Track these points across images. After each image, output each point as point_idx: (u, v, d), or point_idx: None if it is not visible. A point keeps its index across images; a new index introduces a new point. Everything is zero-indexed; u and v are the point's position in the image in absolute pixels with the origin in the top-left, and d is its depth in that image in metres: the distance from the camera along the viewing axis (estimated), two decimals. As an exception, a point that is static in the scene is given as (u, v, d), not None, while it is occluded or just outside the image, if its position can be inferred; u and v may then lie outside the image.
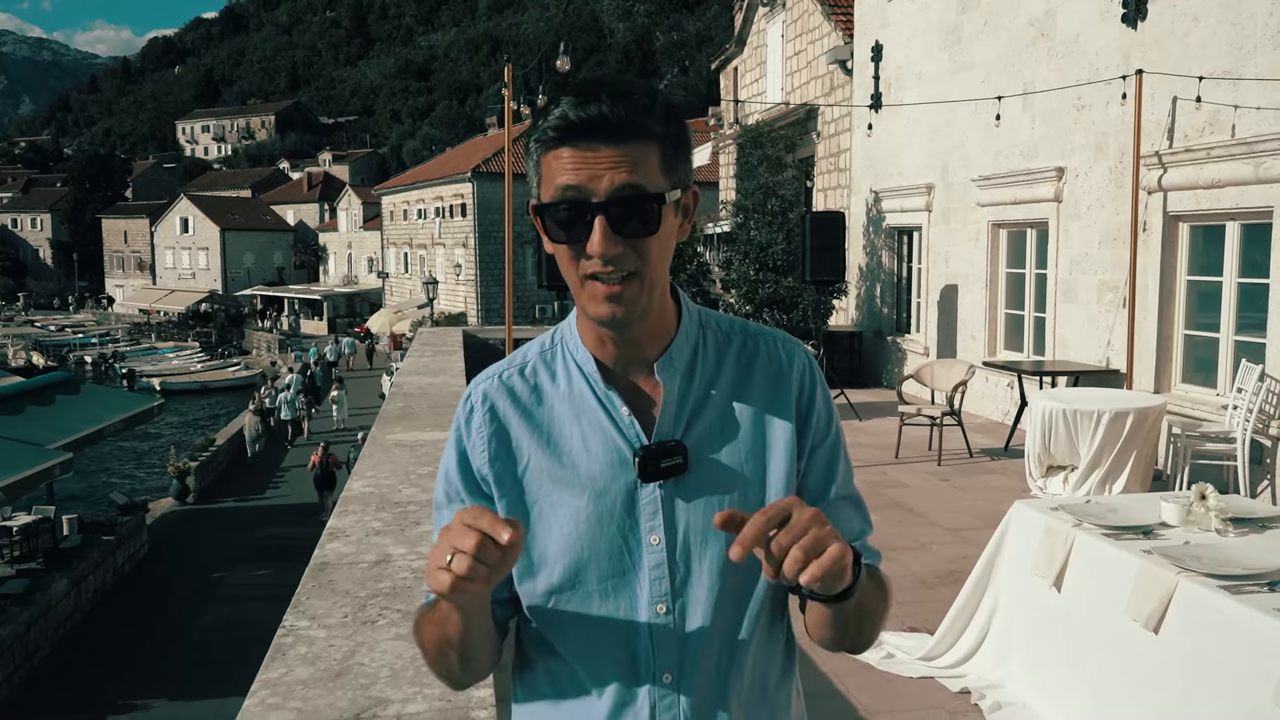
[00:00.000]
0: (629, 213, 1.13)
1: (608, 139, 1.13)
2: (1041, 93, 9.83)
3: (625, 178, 1.13)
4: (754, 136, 13.89)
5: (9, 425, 15.22)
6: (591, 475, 1.22)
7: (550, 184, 1.16)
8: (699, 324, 1.30)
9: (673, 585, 1.21)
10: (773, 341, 1.32)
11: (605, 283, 1.15)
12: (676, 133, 1.19)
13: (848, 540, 1.27)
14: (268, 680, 2.45)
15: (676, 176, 1.19)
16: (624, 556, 1.21)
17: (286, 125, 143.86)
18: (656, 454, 1.20)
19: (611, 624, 1.22)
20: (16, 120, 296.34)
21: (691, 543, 1.22)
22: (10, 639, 12.17)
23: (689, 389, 1.25)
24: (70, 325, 64.34)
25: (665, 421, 1.23)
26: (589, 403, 1.24)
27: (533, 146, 1.18)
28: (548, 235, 1.18)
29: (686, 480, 1.22)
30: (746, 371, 1.28)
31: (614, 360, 1.25)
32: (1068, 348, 9.55)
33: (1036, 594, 3.95)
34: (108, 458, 27.60)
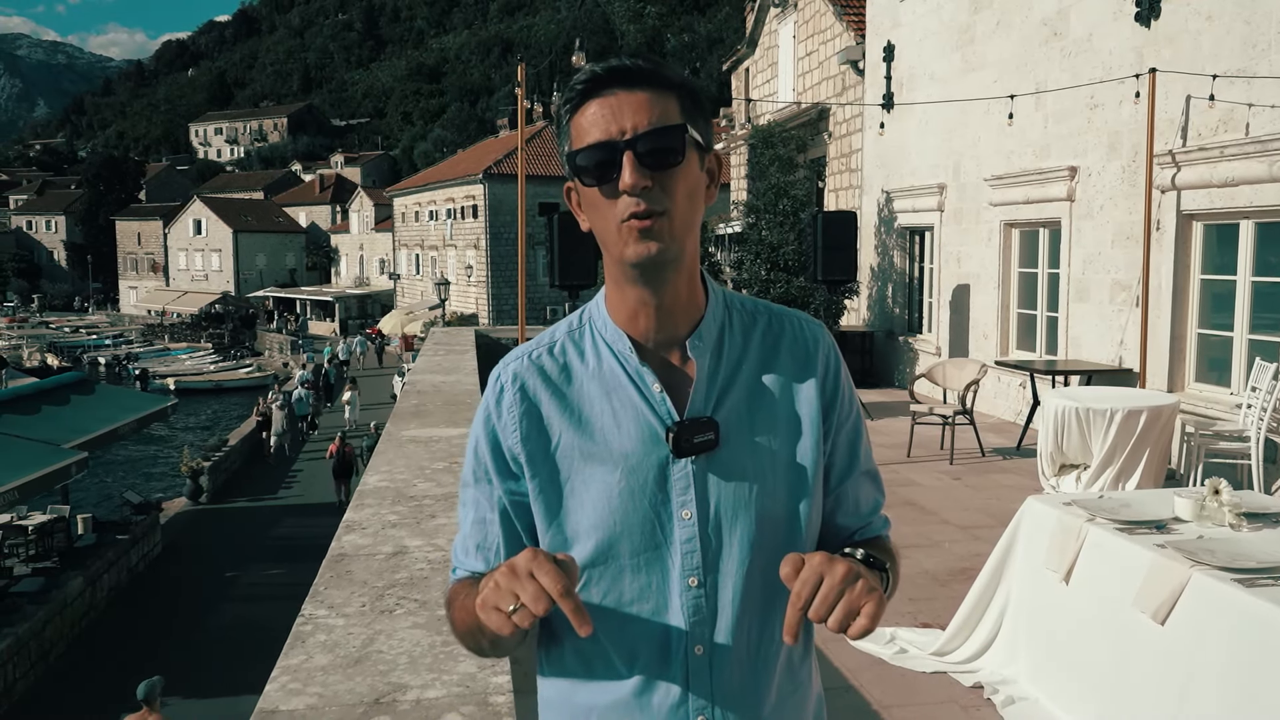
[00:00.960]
0: (655, 149, 1.18)
1: (629, 85, 1.20)
2: (1054, 92, 9.81)
3: (648, 118, 1.19)
4: (765, 136, 13.90)
5: (25, 425, 15.32)
6: (624, 451, 1.24)
7: (580, 140, 1.21)
8: (724, 304, 1.33)
9: (704, 559, 1.24)
10: (797, 322, 1.35)
11: (639, 219, 1.19)
12: (693, 91, 1.25)
13: (867, 512, 1.38)
14: (288, 666, 2.47)
15: (697, 126, 1.24)
16: (656, 530, 1.24)
17: (299, 127, 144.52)
18: (690, 430, 1.23)
19: (644, 597, 1.24)
20: (31, 123, 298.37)
21: (723, 517, 1.24)
22: (26, 637, 12.26)
23: (718, 367, 1.28)
24: (84, 326, 64.70)
25: (697, 398, 1.26)
26: (620, 380, 1.27)
27: (562, 111, 1.24)
28: (580, 180, 1.22)
29: (717, 456, 1.25)
30: (773, 351, 1.31)
31: (646, 336, 1.27)
32: (1080, 347, 9.53)
33: (1049, 589, 3.95)
34: (122, 458, 27.75)
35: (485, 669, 2.45)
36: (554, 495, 1.26)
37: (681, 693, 1.24)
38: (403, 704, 2.16)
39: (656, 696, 1.25)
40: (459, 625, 1.28)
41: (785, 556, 1.12)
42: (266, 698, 2.26)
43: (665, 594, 1.24)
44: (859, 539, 1.39)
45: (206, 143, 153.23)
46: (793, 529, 1.28)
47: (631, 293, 1.25)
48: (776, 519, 1.26)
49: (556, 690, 1.33)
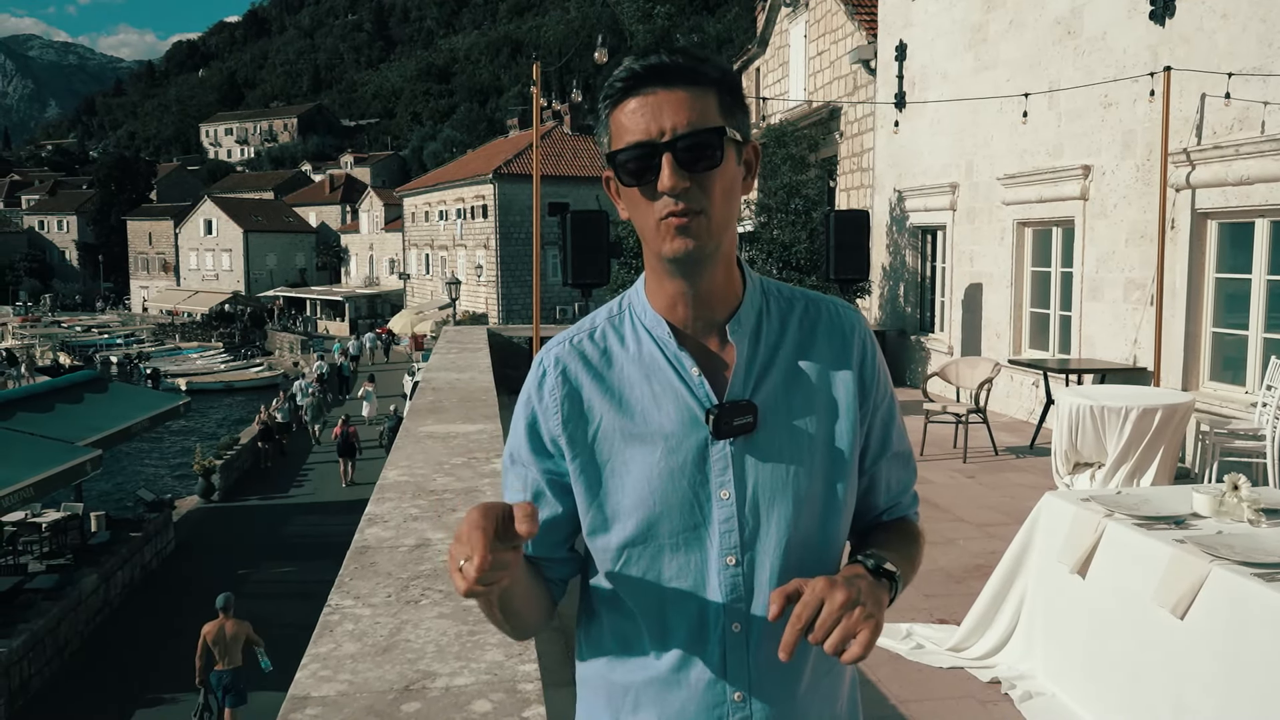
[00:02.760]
0: (693, 149, 1.20)
1: (668, 83, 1.21)
2: (1067, 90, 9.80)
3: (687, 118, 1.20)
4: (777, 136, 13.92)
5: (40, 423, 15.42)
6: (664, 432, 1.27)
7: (619, 138, 1.23)
8: (762, 290, 1.35)
9: (742, 538, 1.26)
10: (833, 308, 1.37)
11: (676, 217, 1.21)
12: (732, 83, 1.27)
13: (897, 492, 1.43)
14: (318, 654, 2.50)
15: (736, 121, 1.25)
16: (695, 510, 1.26)
17: (309, 128, 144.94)
18: (730, 412, 1.25)
19: (682, 576, 1.27)
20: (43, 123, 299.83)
21: (760, 498, 1.27)
22: (41, 632, 12.33)
23: (756, 351, 1.31)
24: (96, 326, 64.99)
25: (737, 381, 1.28)
26: (659, 364, 1.29)
27: (601, 107, 1.26)
28: (621, 181, 1.25)
29: (755, 438, 1.27)
30: (810, 336, 1.33)
31: (685, 323, 1.30)
32: (1094, 346, 9.52)
33: (1066, 585, 3.96)
34: (134, 456, 27.87)
35: (512, 657, 2.48)
36: (595, 476, 1.29)
37: (719, 670, 1.27)
38: (432, 691, 2.18)
39: (694, 674, 1.27)
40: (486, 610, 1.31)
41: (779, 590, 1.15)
42: (298, 684, 2.29)
43: (703, 573, 1.26)
44: (886, 518, 1.43)
45: (217, 143, 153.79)
46: (829, 510, 1.30)
47: (670, 284, 1.28)
48: (813, 500, 1.29)
49: (594, 669, 1.36)
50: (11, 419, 15.22)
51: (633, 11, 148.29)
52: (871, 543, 1.36)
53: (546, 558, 1.36)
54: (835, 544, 1.33)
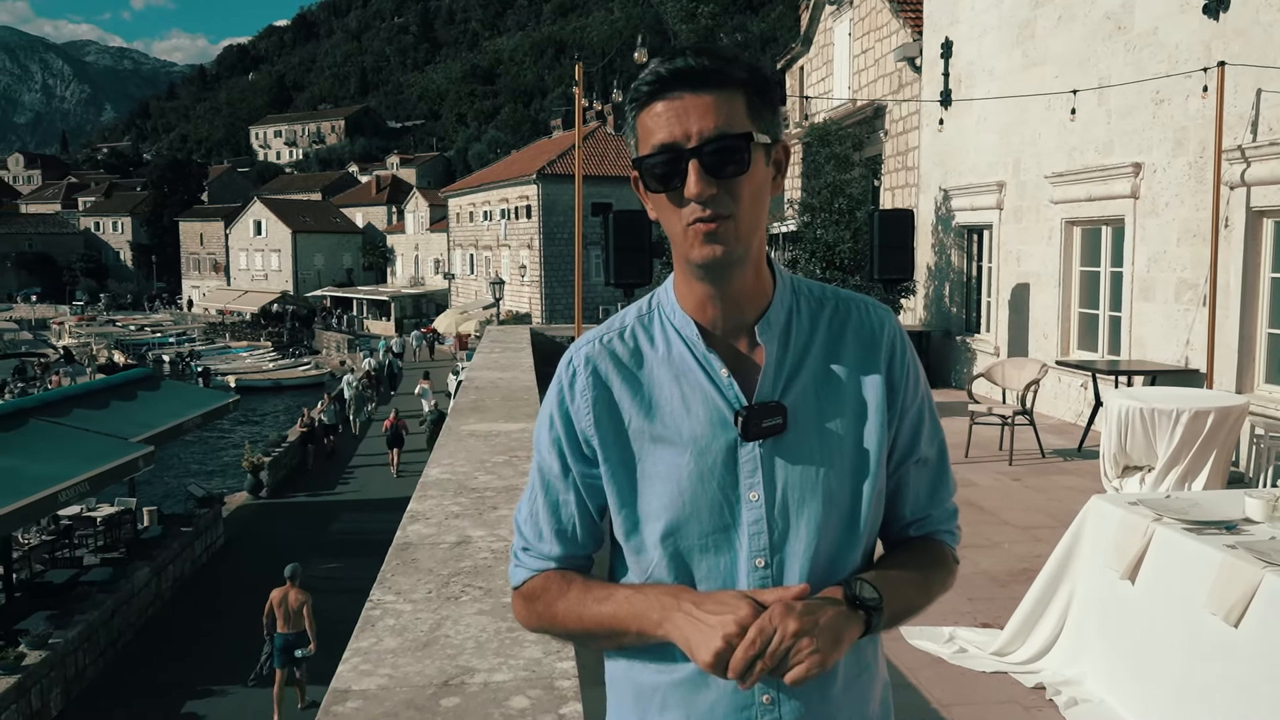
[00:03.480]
0: (720, 155, 1.19)
1: (695, 87, 1.20)
2: (1118, 86, 9.63)
3: (714, 122, 1.19)
4: (821, 135, 13.83)
5: (95, 419, 15.75)
6: (693, 434, 1.26)
7: (646, 141, 1.22)
8: (792, 289, 1.34)
9: (771, 540, 1.26)
10: (863, 307, 1.36)
11: (704, 223, 1.20)
12: (761, 83, 1.25)
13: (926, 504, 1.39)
14: (359, 649, 2.53)
15: (764, 123, 1.24)
16: (724, 512, 1.26)
17: (356, 130, 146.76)
18: (759, 414, 1.25)
19: (711, 577, 1.26)
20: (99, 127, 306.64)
21: (789, 500, 1.26)
22: (96, 624, 12.61)
23: (785, 352, 1.30)
24: (149, 325, 66.30)
25: (766, 382, 1.27)
26: (689, 365, 1.29)
27: (628, 109, 1.25)
28: (647, 187, 1.24)
29: (784, 440, 1.26)
30: (839, 336, 1.32)
31: (714, 323, 1.29)
32: (1145, 347, 9.34)
33: (1114, 589, 3.89)
34: (185, 452, 28.40)
35: (550, 655, 2.49)
36: (625, 477, 1.29)
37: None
38: (471, 686, 2.20)
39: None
40: (554, 621, 1.33)
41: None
42: (339, 678, 2.32)
43: (733, 574, 1.26)
44: (914, 532, 1.39)
45: (266, 145, 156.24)
46: (857, 512, 1.29)
47: (698, 286, 1.28)
48: (842, 502, 1.28)
49: (623, 669, 1.35)
50: (68, 415, 15.56)
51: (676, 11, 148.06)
52: (886, 562, 1.34)
53: (581, 555, 1.37)
54: (862, 546, 1.31)
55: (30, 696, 10.90)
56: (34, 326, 61.55)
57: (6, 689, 10.41)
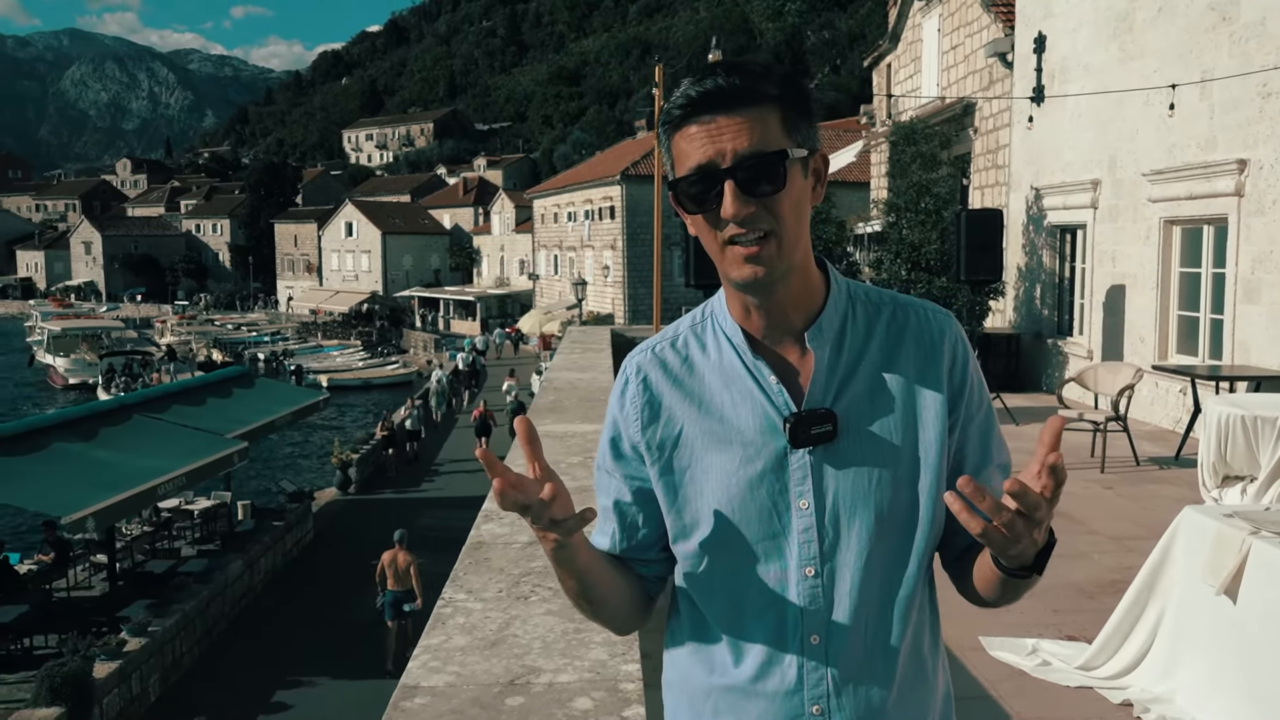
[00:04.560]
0: (755, 174, 1.17)
1: (727, 108, 1.18)
2: (1222, 80, 9.24)
3: (747, 141, 1.18)
4: (907, 133, 13.58)
5: (192, 416, 16.36)
6: (743, 440, 1.25)
7: (681, 164, 1.22)
8: (848, 295, 1.32)
9: (821, 549, 1.24)
10: (923, 312, 1.33)
11: (743, 244, 1.19)
12: (795, 95, 1.22)
13: None
14: (429, 646, 2.57)
15: (800, 136, 1.22)
16: (774, 519, 1.24)
17: (444, 132, 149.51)
18: (808, 421, 1.23)
19: (760, 585, 1.25)
20: (201, 132, 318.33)
21: (841, 508, 1.24)
22: (192, 613, 13.08)
23: (838, 358, 1.27)
24: (245, 324, 68.53)
25: (816, 389, 1.25)
26: (738, 372, 1.28)
27: (662, 132, 1.24)
28: (683, 209, 1.23)
29: (836, 447, 1.24)
30: (897, 342, 1.29)
31: (760, 331, 1.28)
32: (1248, 352, 8.94)
33: (1209, 605, 3.73)
34: (278, 448, 29.27)
35: (616, 656, 2.49)
36: (674, 483, 1.29)
37: (796, 681, 1.25)
38: (536, 686, 2.21)
39: (772, 683, 1.25)
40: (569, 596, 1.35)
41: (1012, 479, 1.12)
42: (409, 674, 2.36)
43: (782, 583, 1.25)
44: None
45: (358, 148, 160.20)
46: (913, 522, 1.26)
47: (743, 299, 1.27)
48: (897, 511, 1.25)
49: (678, 673, 1.36)
50: (167, 412, 16.19)
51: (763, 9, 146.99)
52: (974, 572, 1.30)
53: (636, 558, 1.37)
54: (921, 558, 1.28)
55: (130, 682, 11.36)
56: (138, 325, 64.16)
57: (109, 674, 10.86)
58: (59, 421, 14.57)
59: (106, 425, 14.68)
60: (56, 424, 14.32)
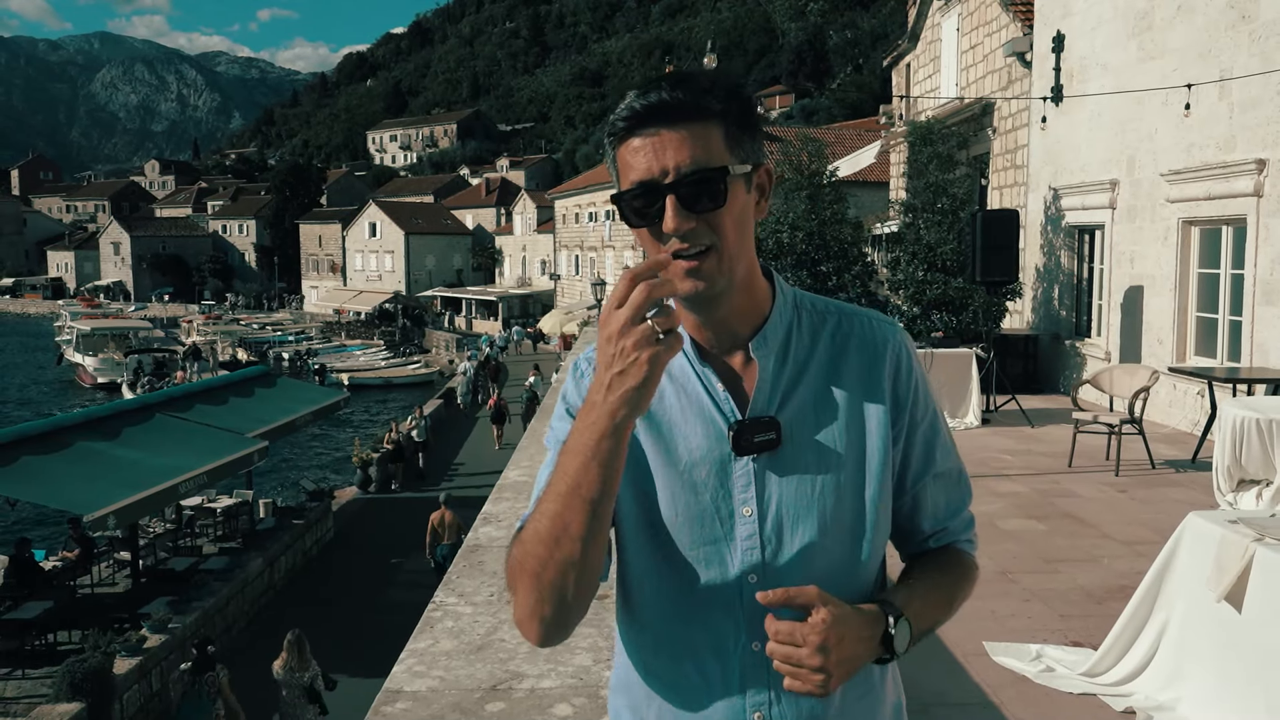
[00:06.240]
0: (696, 190, 1.18)
1: (669, 122, 1.19)
2: (1241, 79, 9.14)
3: (689, 157, 1.18)
4: (924, 134, 13.51)
5: (214, 415, 16.53)
6: (688, 446, 1.27)
7: (625, 176, 1.23)
8: (794, 305, 1.33)
9: (764, 556, 1.25)
10: (868, 322, 1.34)
11: (685, 259, 1.20)
12: (739, 110, 1.23)
13: (945, 516, 1.38)
14: (415, 650, 2.59)
15: (743, 152, 1.23)
16: (716, 525, 1.25)
17: (467, 133, 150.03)
18: (751, 429, 1.24)
19: (702, 591, 1.26)
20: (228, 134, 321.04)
21: (784, 516, 1.25)
22: (212, 610, 13.21)
23: (783, 367, 1.28)
24: (270, 324, 69.07)
25: (760, 398, 1.27)
26: (689, 377, 1.29)
27: (607, 142, 1.26)
28: (627, 222, 1.24)
29: (780, 455, 1.25)
30: (841, 351, 1.31)
31: (708, 341, 1.29)
32: (1267, 354, 8.84)
33: (1214, 612, 3.70)
34: (302, 446, 29.49)
35: (600, 662, 2.50)
36: (626, 475, 1.27)
37: (739, 687, 1.26)
38: (517, 692, 2.23)
39: (714, 689, 1.26)
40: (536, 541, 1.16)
41: (774, 623, 1.17)
42: (393, 678, 2.38)
43: (725, 590, 1.25)
44: (934, 544, 1.39)
45: (382, 149, 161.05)
46: (858, 531, 1.28)
47: (688, 312, 1.28)
48: (841, 520, 1.26)
49: (622, 677, 1.37)
50: (190, 410, 16.37)
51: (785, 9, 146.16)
52: (913, 573, 1.34)
53: None
54: (866, 566, 1.29)
55: (151, 678, 11.49)
56: (165, 325, 64.77)
57: (129, 670, 10.99)
58: (83, 420, 14.77)
59: (129, 424, 14.86)
60: (80, 423, 14.52)
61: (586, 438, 1.12)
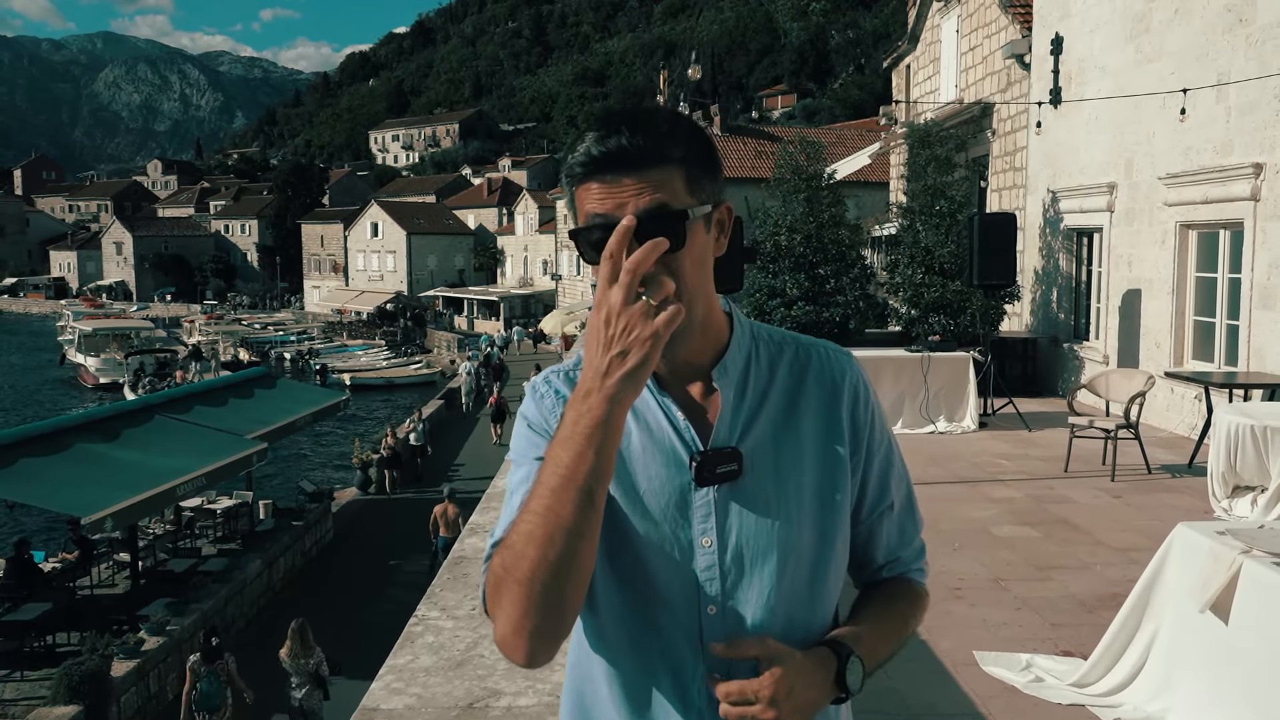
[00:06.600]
0: (656, 232, 1.16)
1: (630, 169, 1.18)
2: (1238, 83, 9.13)
3: (649, 202, 1.17)
4: (922, 136, 13.50)
5: (213, 416, 16.53)
6: (648, 475, 1.26)
7: (583, 212, 1.22)
8: (751, 336, 1.33)
9: (724, 587, 1.24)
10: (824, 353, 1.34)
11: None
12: (699, 153, 1.23)
13: (897, 547, 1.40)
14: (394, 666, 2.59)
15: (704, 194, 1.23)
16: (676, 556, 1.24)
17: (469, 133, 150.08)
18: (713, 459, 1.24)
19: (662, 621, 1.25)
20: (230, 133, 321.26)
21: (744, 547, 1.24)
22: (210, 612, 13.21)
23: (743, 397, 1.28)
24: (272, 324, 69.12)
25: (722, 427, 1.26)
26: (650, 405, 1.28)
27: (564, 181, 1.25)
28: (585, 258, 1.23)
29: (740, 486, 1.25)
30: (799, 382, 1.31)
31: (669, 372, 1.29)
32: (1264, 359, 8.83)
33: (1202, 624, 3.69)
34: (301, 446, 29.50)
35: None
36: None
37: (698, 718, 1.25)
38: (494, 710, 2.23)
39: (673, 715, 1.26)
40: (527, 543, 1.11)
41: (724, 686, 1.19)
42: (370, 695, 2.38)
43: (684, 621, 1.24)
44: (886, 574, 1.40)
45: (384, 149, 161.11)
46: (818, 562, 1.28)
47: None
48: (801, 551, 1.26)
49: (577, 701, 1.35)
50: (189, 412, 16.37)
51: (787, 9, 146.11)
52: (863, 607, 1.35)
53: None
54: (825, 597, 1.29)
55: (148, 680, 11.50)
56: (167, 324, 64.87)
57: (127, 672, 11.00)
58: (82, 422, 14.77)
59: (128, 426, 14.86)
60: (80, 424, 14.52)
61: (584, 424, 1.10)
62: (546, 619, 1.12)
